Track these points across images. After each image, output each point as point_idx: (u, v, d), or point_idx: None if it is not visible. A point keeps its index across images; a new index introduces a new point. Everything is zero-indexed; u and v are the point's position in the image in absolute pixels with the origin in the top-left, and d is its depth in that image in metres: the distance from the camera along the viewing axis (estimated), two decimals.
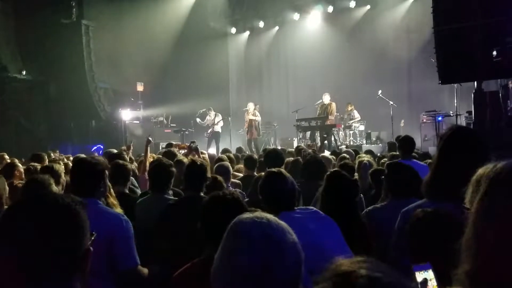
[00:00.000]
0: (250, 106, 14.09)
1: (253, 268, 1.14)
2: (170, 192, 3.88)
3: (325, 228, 2.49)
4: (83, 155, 6.09)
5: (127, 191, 4.05)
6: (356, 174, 4.73)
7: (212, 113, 14.31)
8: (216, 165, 4.90)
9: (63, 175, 4.03)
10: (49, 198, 1.21)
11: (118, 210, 3.04)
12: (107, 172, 2.94)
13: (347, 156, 6.21)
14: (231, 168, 4.89)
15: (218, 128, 14.20)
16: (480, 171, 1.12)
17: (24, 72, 14.63)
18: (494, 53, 6.93)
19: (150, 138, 6.07)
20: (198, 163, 3.54)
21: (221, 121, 14.22)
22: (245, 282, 1.15)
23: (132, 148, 6.56)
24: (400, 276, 0.87)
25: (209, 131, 14.13)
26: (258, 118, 14.09)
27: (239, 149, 9.60)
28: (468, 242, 1.04)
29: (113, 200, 3.15)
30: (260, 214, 1.26)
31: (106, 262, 2.54)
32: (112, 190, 3.32)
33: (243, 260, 1.16)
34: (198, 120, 14.42)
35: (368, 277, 0.82)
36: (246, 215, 1.27)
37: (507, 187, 1.02)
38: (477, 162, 1.97)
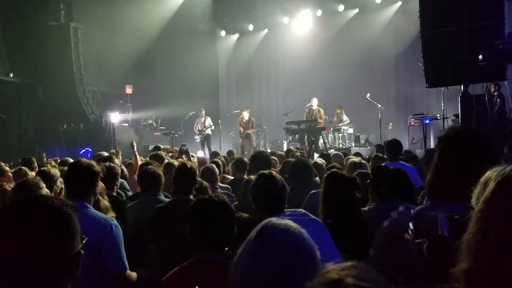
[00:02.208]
0: (245, 115, 14.12)
1: (278, 272, 1.14)
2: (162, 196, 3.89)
3: (315, 230, 2.51)
4: (69, 159, 6.08)
5: (115, 194, 4.04)
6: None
7: (203, 114, 14.41)
8: (202, 168, 4.92)
9: (58, 180, 4.01)
10: (40, 201, 1.21)
11: (111, 214, 3.04)
12: (99, 175, 2.93)
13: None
14: (217, 171, 4.90)
15: (208, 130, 14.29)
16: (489, 172, 1.12)
17: (11, 75, 14.47)
18: (480, 57, 7.01)
19: (133, 143, 6.22)
20: (188, 166, 3.55)
21: (212, 126, 14.34)
22: (274, 284, 1.15)
23: (120, 152, 6.56)
24: (389, 283, 0.88)
25: (199, 135, 14.19)
26: (255, 132, 14.23)
27: (229, 152, 9.60)
28: (469, 241, 1.04)
29: (106, 203, 3.14)
30: (288, 221, 1.26)
31: (95, 266, 2.52)
32: (105, 193, 3.31)
33: (268, 262, 1.16)
34: (196, 129, 14.42)
35: (355, 287, 0.83)
36: (276, 220, 1.27)
37: None
38: (479, 162, 2.00)
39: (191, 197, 3.33)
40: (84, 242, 1.23)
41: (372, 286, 0.83)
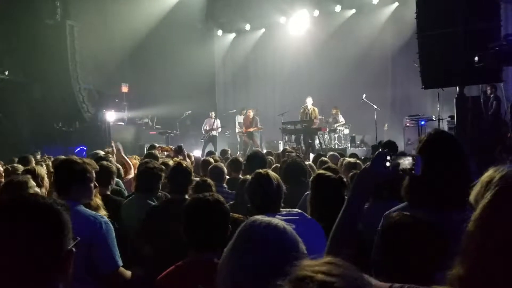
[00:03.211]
0: (251, 113, 14.30)
1: (260, 270, 1.14)
2: (160, 194, 3.87)
3: (310, 231, 2.50)
4: (62, 156, 6.04)
5: (109, 193, 4.01)
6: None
7: (213, 115, 14.70)
8: (211, 167, 4.92)
9: (46, 177, 3.98)
10: (30, 199, 1.20)
11: (102, 212, 3.01)
12: (91, 173, 2.89)
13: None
14: (225, 170, 4.91)
15: (215, 132, 14.53)
16: (492, 172, 1.10)
17: (7, 73, 14.40)
18: (476, 58, 7.04)
19: (118, 146, 6.15)
20: (183, 165, 3.53)
21: (220, 128, 14.70)
22: (252, 281, 1.14)
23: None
24: (362, 281, 0.87)
25: (205, 135, 14.30)
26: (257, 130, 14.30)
27: (223, 152, 9.60)
28: (467, 246, 1.03)
29: (98, 201, 3.11)
30: (273, 219, 1.26)
31: (86, 265, 2.50)
32: (97, 192, 3.29)
33: (251, 260, 1.16)
34: (204, 128, 14.59)
35: (318, 283, 0.82)
36: (260, 217, 1.27)
37: None
38: (454, 167, 2.00)
39: (187, 196, 3.32)
40: (76, 241, 1.22)
41: (338, 281, 0.82)
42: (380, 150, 1.70)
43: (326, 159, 6.28)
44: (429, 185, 1.86)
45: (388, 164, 1.63)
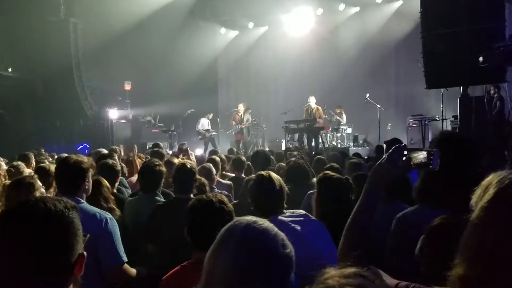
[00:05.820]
0: (240, 107, 14.20)
1: (232, 271, 1.13)
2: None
3: (315, 232, 2.50)
4: (65, 154, 6.06)
5: (115, 191, 4.03)
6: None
7: (210, 117, 14.82)
8: (199, 167, 4.92)
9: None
10: (42, 206, 1.19)
11: (117, 214, 3.05)
12: (91, 170, 2.91)
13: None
14: (214, 170, 4.90)
15: (213, 132, 14.72)
16: (492, 176, 1.11)
17: (10, 70, 14.43)
18: (481, 59, 7.01)
19: (135, 149, 6.17)
20: (188, 166, 3.53)
21: (213, 132, 14.81)
22: (221, 283, 1.14)
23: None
24: None
25: (205, 136, 14.34)
26: (249, 124, 14.30)
27: (230, 150, 9.59)
28: (465, 247, 1.05)
29: (112, 205, 3.15)
30: (259, 219, 1.24)
31: (93, 262, 2.51)
32: (110, 192, 3.31)
33: (225, 260, 1.15)
34: (198, 127, 14.61)
35: None
36: (246, 217, 1.25)
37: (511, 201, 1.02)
38: (468, 167, 1.99)
39: (191, 196, 3.32)
40: (86, 239, 1.22)
41: None
42: (397, 145, 1.68)
43: (323, 158, 6.23)
44: (442, 186, 1.83)
45: (404, 159, 1.61)
